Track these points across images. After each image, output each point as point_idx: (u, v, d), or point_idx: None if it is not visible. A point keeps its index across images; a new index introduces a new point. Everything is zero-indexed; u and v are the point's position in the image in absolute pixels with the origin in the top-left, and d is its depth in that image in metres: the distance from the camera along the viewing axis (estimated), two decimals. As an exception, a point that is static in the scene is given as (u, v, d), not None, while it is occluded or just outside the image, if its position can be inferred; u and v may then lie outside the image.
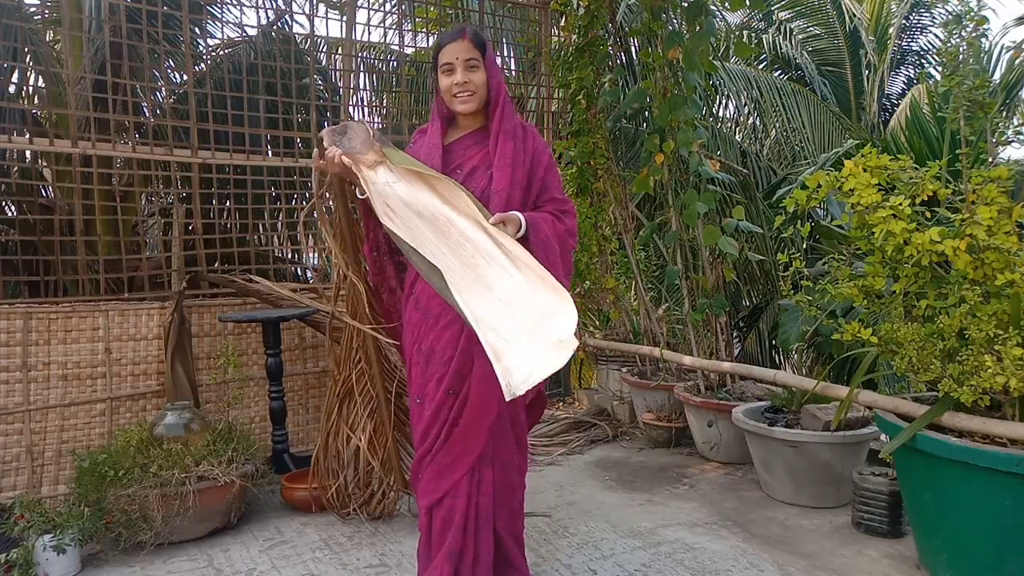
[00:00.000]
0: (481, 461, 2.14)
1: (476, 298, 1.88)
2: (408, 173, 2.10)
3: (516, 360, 1.76)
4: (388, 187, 2.05)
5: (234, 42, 5.79)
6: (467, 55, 2.14)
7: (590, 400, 5.12)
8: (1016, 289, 2.25)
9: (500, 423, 2.17)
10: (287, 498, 3.29)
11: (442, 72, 2.17)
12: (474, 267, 1.95)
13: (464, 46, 2.14)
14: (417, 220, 2.01)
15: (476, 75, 2.15)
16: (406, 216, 2.01)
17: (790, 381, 3.49)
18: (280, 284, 3.96)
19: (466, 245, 1.99)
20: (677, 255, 4.36)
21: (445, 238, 1.99)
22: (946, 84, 2.51)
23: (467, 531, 2.13)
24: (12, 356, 3.28)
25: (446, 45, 2.16)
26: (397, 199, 2.04)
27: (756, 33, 10.13)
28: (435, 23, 5.46)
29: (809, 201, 2.66)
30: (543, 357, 1.77)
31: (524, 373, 1.74)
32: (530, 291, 1.92)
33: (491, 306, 1.87)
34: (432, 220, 2.02)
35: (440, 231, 2.00)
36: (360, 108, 6.75)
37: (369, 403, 2.96)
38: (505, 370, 1.74)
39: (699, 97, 4.18)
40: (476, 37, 2.17)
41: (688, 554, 2.77)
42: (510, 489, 2.23)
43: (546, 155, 2.28)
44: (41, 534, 2.61)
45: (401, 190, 2.05)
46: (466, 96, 2.16)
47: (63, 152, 3.71)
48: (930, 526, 2.50)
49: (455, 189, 2.08)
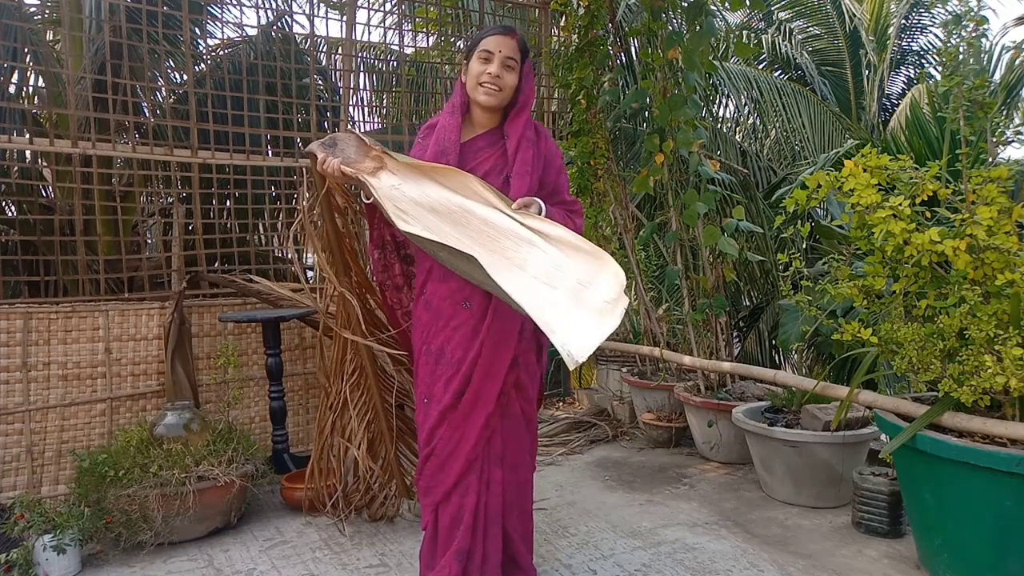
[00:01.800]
0: (490, 460, 2.14)
1: (514, 281, 1.87)
2: (411, 171, 2.08)
3: (568, 332, 1.77)
4: (395, 190, 2.02)
5: (234, 42, 5.78)
6: (509, 52, 2.12)
7: (590, 400, 5.12)
8: (1016, 289, 2.25)
9: (514, 423, 2.18)
10: (287, 498, 3.29)
11: (478, 57, 2.13)
12: (502, 251, 1.93)
13: (510, 44, 2.13)
14: (433, 217, 1.98)
15: (510, 75, 2.14)
16: (420, 215, 1.98)
17: (790, 381, 3.49)
18: (280, 284, 3.96)
19: (487, 231, 1.97)
20: (677, 255, 4.36)
21: (465, 227, 1.97)
22: (946, 84, 2.51)
23: (476, 530, 2.12)
24: (12, 356, 3.28)
25: (493, 35, 2.14)
26: (407, 200, 2.00)
27: (756, 33, 10.12)
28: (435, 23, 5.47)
29: (809, 201, 2.65)
30: (593, 323, 1.79)
31: (580, 342, 1.75)
32: (564, 262, 1.92)
33: (529, 285, 1.87)
34: (448, 214, 1.99)
35: (458, 223, 1.98)
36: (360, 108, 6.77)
37: (366, 415, 2.92)
38: (562, 343, 1.75)
39: (699, 97, 4.17)
40: (523, 41, 2.17)
41: (688, 554, 2.77)
42: (521, 489, 2.23)
43: (558, 158, 2.29)
44: (41, 534, 2.61)
45: (409, 190, 2.02)
46: (493, 90, 2.13)
47: (63, 152, 3.71)
48: (930, 526, 2.50)
49: (461, 177, 2.06)
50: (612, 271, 1.89)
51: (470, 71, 2.15)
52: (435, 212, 1.99)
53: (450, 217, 1.99)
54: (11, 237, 4.17)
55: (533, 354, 2.24)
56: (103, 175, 4.05)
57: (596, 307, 1.82)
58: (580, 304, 1.84)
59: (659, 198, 5.30)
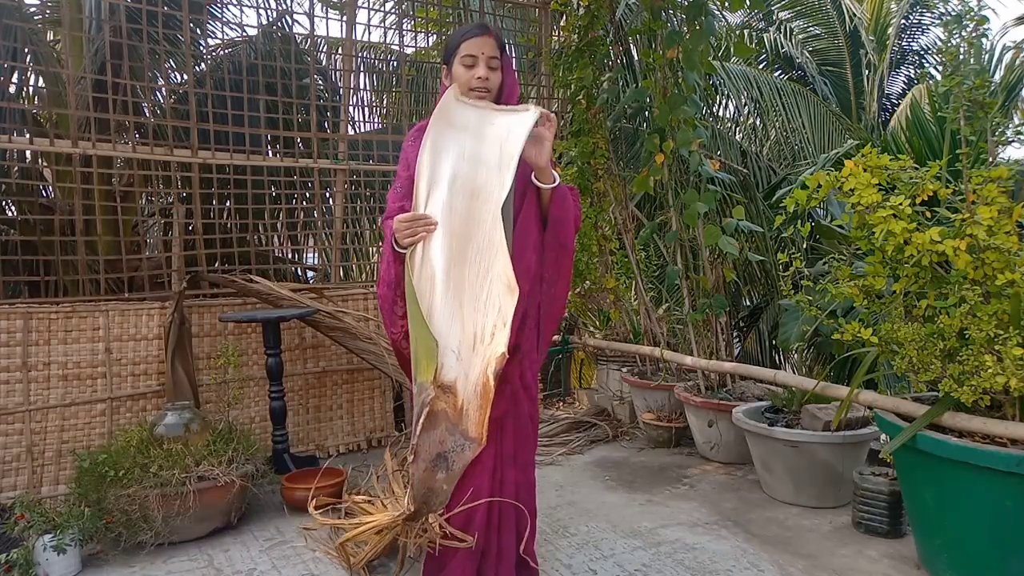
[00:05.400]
0: (503, 461, 2.14)
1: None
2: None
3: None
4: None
5: (234, 42, 5.78)
6: (491, 52, 2.12)
7: (590, 400, 5.12)
8: (1016, 289, 2.25)
9: (523, 425, 2.18)
10: (287, 498, 3.28)
11: (461, 63, 2.13)
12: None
13: (489, 43, 2.13)
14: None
15: (495, 75, 2.14)
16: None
17: (790, 381, 3.49)
18: (280, 284, 3.96)
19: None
20: (677, 255, 4.36)
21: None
22: (946, 84, 2.51)
23: (490, 528, 2.12)
24: (12, 356, 3.28)
25: (471, 38, 2.13)
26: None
27: (756, 33, 10.12)
28: (435, 23, 5.47)
29: (809, 201, 2.66)
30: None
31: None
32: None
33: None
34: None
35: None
36: (360, 108, 6.77)
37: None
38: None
39: (699, 97, 4.17)
40: (499, 37, 2.17)
41: (688, 554, 2.77)
42: (529, 488, 2.24)
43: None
44: (41, 534, 2.61)
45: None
46: (484, 93, 2.13)
47: (63, 152, 3.71)
48: (930, 526, 2.51)
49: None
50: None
51: (456, 76, 2.15)
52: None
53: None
54: (11, 237, 4.17)
55: (534, 347, 2.23)
56: (103, 175, 4.05)
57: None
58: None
59: (659, 198, 5.31)
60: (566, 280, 2.26)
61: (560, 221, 2.15)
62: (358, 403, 4.28)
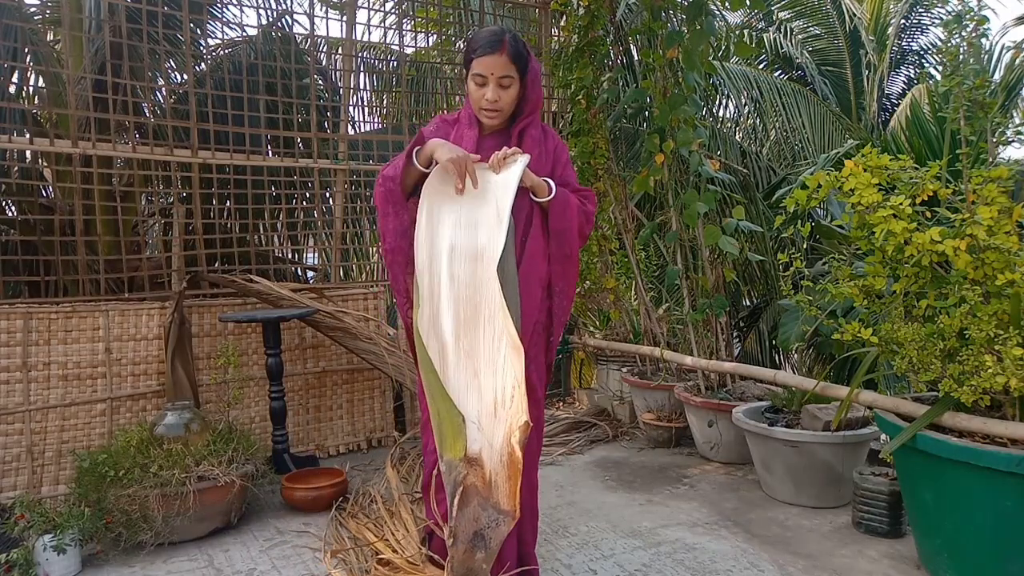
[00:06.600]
0: None
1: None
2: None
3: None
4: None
5: (234, 42, 5.78)
6: (502, 72, 2.05)
7: (590, 400, 5.12)
8: (1016, 289, 2.25)
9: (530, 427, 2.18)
10: (287, 498, 3.29)
11: (473, 80, 2.10)
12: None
13: (500, 61, 2.05)
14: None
15: (507, 93, 2.09)
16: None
17: (790, 381, 3.49)
18: (280, 284, 3.96)
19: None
20: (677, 255, 4.36)
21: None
22: (946, 84, 2.51)
23: None
24: (12, 356, 3.28)
25: (483, 56, 2.05)
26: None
27: (756, 33, 10.12)
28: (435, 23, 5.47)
29: (809, 201, 2.66)
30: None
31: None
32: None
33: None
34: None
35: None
36: (360, 108, 6.77)
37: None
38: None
39: (699, 97, 4.17)
40: (514, 50, 2.06)
41: (688, 554, 2.77)
42: (531, 490, 2.24)
43: (564, 152, 2.29)
44: (41, 534, 2.61)
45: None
46: (494, 114, 2.12)
47: (63, 152, 3.71)
48: (930, 526, 2.51)
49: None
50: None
51: (468, 90, 2.14)
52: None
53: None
54: (11, 237, 4.17)
55: (542, 352, 2.24)
56: (103, 175, 4.05)
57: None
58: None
59: (659, 198, 5.30)
60: (573, 289, 2.28)
61: (560, 233, 2.15)
62: (358, 403, 4.28)
